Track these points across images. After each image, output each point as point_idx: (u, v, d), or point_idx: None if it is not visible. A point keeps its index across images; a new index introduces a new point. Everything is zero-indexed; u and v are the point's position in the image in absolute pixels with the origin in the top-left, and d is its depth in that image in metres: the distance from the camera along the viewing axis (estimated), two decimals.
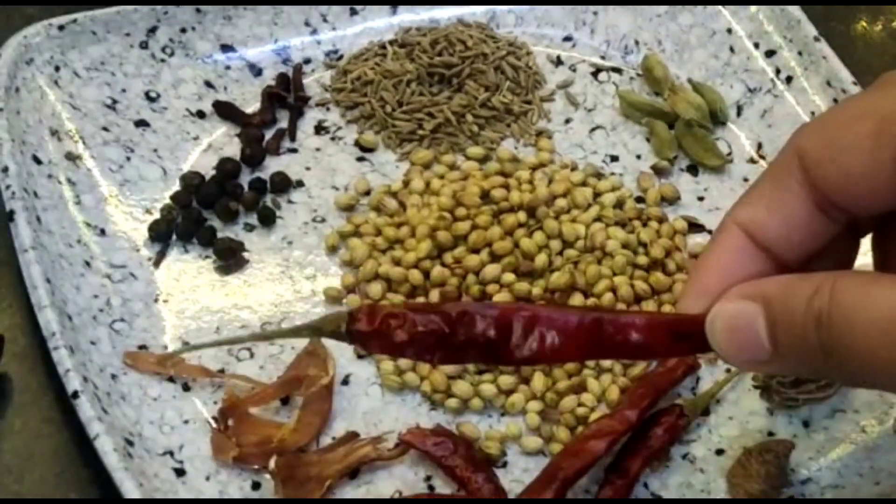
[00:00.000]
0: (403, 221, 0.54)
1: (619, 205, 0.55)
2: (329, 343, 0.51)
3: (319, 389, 0.48)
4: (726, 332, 0.33)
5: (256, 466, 0.46)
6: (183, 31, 0.60)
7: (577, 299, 0.51)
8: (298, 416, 0.47)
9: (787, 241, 0.34)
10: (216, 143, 0.58)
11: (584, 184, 0.56)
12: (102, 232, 0.53)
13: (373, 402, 0.49)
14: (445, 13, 0.64)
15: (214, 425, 0.47)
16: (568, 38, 0.65)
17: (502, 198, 0.54)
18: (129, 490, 0.42)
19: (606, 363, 0.50)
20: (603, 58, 0.64)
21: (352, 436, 0.47)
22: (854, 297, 0.30)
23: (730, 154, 0.60)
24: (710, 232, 0.56)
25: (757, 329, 0.32)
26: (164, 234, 0.54)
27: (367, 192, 0.57)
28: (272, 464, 0.45)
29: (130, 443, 0.45)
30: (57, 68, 0.57)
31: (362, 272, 0.53)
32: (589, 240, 0.53)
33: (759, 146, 0.60)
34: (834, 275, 0.31)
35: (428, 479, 0.47)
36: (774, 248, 0.34)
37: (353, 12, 0.64)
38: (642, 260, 0.53)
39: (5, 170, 0.51)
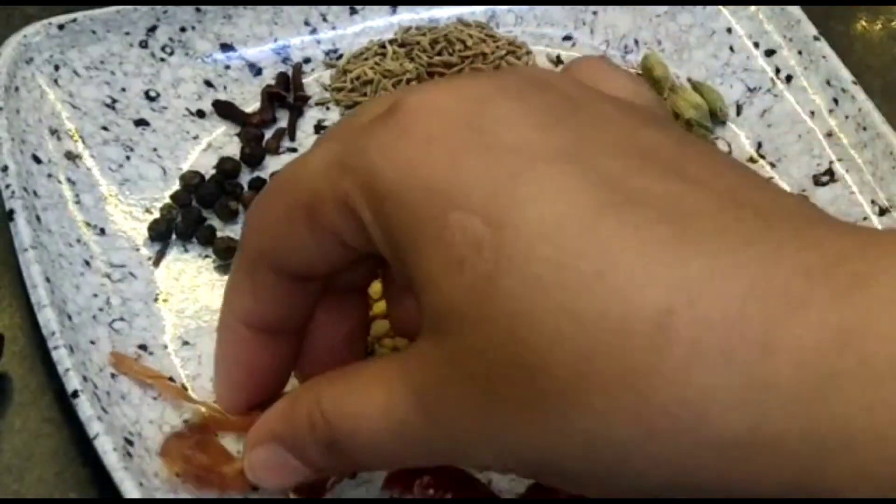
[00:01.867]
0: None
1: None
2: None
3: None
4: (271, 476, 0.35)
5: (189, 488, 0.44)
6: (183, 30, 0.60)
7: None
8: None
9: (288, 317, 0.35)
10: (216, 143, 0.58)
11: None
12: (102, 231, 0.53)
13: None
14: (445, 12, 0.64)
15: (180, 429, 0.45)
16: (568, 38, 0.65)
17: None
18: (129, 490, 0.42)
19: None
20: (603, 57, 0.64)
21: None
22: (344, 420, 0.31)
23: (730, 153, 0.60)
24: None
25: (288, 460, 0.34)
26: (163, 233, 0.54)
27: None
28: None
29: (130, 442, 0.45)
30: (56, 67, 0.57)
31: None
32: None
33: (759, 145, 0.60)
34: (316, 388, 0.33)
35: None
36: (283, 325, 0.35)
37: (353, 11, 0.64)
38: None
39: (5, 169, 0.51)
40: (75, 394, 0.44)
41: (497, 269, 0.26)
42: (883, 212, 0.56)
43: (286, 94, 0.60)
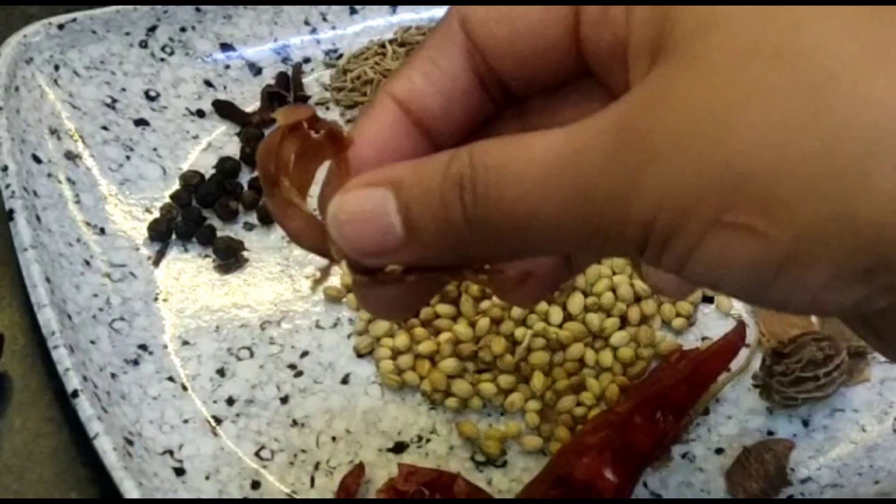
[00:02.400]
0: None
1: None
2: (328, 341, 0.51)
3: None
4: (350, 223, 0.29)
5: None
6: (183, 30, 0.60)
7: (577, 299, 0.51)
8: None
9: (444, 115, 0.31)
10: (216, 142, 0.58)
11: None
12: (102, 231, 0.53)
13: (373, 401, 0.49)
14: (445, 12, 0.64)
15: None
16: None
17: None
18: (129, 489, 0.42)
19: (606, 362, 0.50)
20: None
21: None
22: (499, 153, 0.27)
23: None
24: None
25: (387, 213, 0.28)
26: (163, 233, 0.54)
27: None
28: None
29: (130, 442, 0.45)
30: (56, 67, 0.57)
31: None
32: None
33: None
34: (469, 145, 0.28)
35: None
36: (430, 123, 0.31)
37: (353, 11, 0.64)
38: None
39: (5, 169, 0.51)
40: (75, 393, 0.44)
41: None
42: None
43: (286, 93, 0.60)
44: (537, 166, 0.26)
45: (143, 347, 0.50)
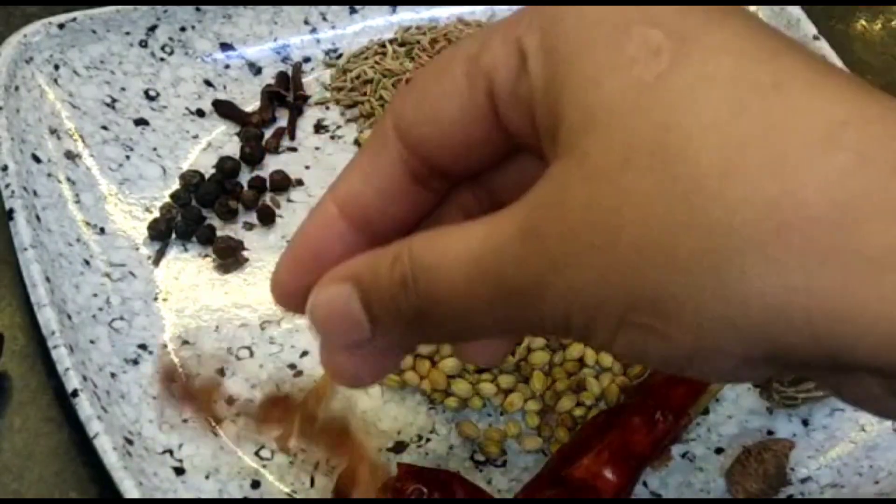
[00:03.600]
0: None
1: None
2: None
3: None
4: (327, 319, 0.32)
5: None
6: (182, 29, 0.60)
7: None
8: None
9: (383, 215, 0.33)
10: (216, 142, 0.58)
11: None
12: (102, 230, 0.53)
13: (372, 401, 0.49)
14: (445, 12, 0.64)
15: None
16: None
17: None
18: (129, 489, 0.42)
19: (606, 362, 0.50)
20: None
21: None
22: (431, 253, 0.29)
23: None
24: None
25: (353, 309, 0.31)
26: (163, 232, 0.54)
27: None
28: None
29: (130, 441, 0.45)
30: (56, 67, 0.57)
31: None
32: None
33: None
34: (410, 237, 0.30)
35: None
36: (370, 223, 0.33)
37: (353, 11, 0.64)
38: None
39: (5, 168, 0.51)
40: (75, 393, 0.44)
41: (670, 69, 0.26)
42: None
43: (286, 93, 0.60)
44: (462, 266, 0.28)
45: (142, 347, 0.50)
